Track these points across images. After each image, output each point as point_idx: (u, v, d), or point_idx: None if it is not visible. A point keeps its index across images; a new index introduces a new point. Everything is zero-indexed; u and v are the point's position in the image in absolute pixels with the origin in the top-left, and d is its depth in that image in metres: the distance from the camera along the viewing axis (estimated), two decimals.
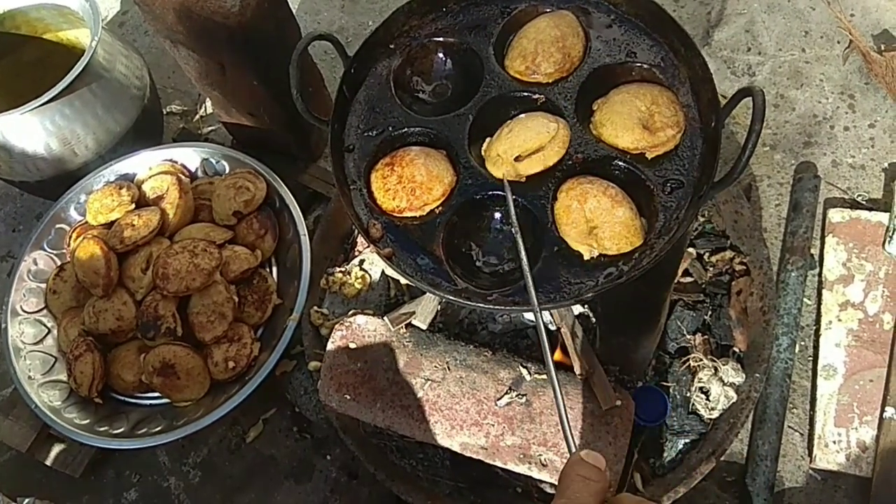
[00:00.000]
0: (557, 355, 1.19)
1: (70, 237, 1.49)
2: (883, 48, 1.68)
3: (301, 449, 1.46)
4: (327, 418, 1.35)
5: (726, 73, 1.74)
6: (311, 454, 1.45)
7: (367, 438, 1.29)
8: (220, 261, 1.35)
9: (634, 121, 0.98)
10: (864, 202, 1.54)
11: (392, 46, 1.12)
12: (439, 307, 1.24)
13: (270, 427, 1.49)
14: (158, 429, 1.31)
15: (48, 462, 1.45)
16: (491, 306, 0.93)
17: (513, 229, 0.89)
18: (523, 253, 0.86)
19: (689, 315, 1.30)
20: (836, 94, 1.67)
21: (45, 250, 1.50)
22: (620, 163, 0.99)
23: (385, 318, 1.23)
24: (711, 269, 1.37)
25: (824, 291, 1.42)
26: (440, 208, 0.99)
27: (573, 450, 0.65)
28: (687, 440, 1.25)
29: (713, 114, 0.96)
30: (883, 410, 1.30)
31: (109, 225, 1.44)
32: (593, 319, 1.25)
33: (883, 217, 1.45)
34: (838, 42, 1.73)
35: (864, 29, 1.73)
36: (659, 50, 1.04)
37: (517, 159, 0.98)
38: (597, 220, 0.94)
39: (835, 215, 1.47)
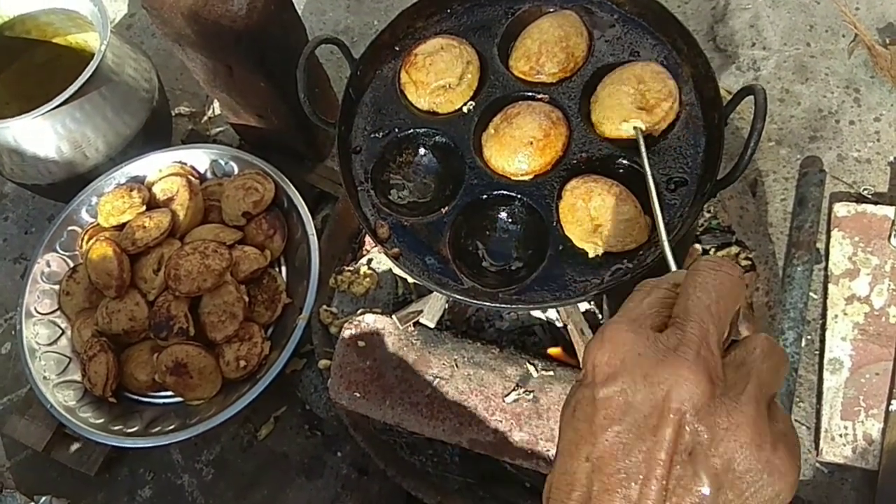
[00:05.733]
0: (558, 352, 1.21)
1: (82, 239, 1.51)
2: (888, 41, 1.68)
3: (312, 446, 1.48)
4: (337, 416, 1.37)
5: (731, 68, 1.74)
6: (322, 451, 1.47)
7: (376, 435, 1.30)
8: (231, 261, 1.37)
9: (628, 108, 0.98)
10: (869, 196, 1.54)
11: (397, 48, 1.13)
12: (447, 306, 1.26)
13: (281, 425, 1.51)
14: (172, 427, 1.33)
15: (64, 461, 1.47)
16: (498, 305, 0.94)
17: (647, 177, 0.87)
18: (657, 205, 0.82)
19: None
20: (841, 88, 1.67)
21: (57, 252, 1.52)
22: (625, 161, 1.00)
23: (393, 316, 1.24)
24: None
25: (830, 285, 1.43)
26: (447, 209, 1.00)
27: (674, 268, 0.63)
28: None
29: (716, 111, 0.97)
30: (889, 404, 1.31)
31: (121, 227, 1.46)
32: (600, 316, 1.26)
33: (889, 211, 1.45)
34: (843, 36, 1.73)
35: (870, 22, 1.73)
36: (662, 49, 1.05)
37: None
38: (601, 218, 0.95)
39: (840, 209, 1.48)
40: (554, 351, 1.23)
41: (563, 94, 1.05)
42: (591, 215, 0.95)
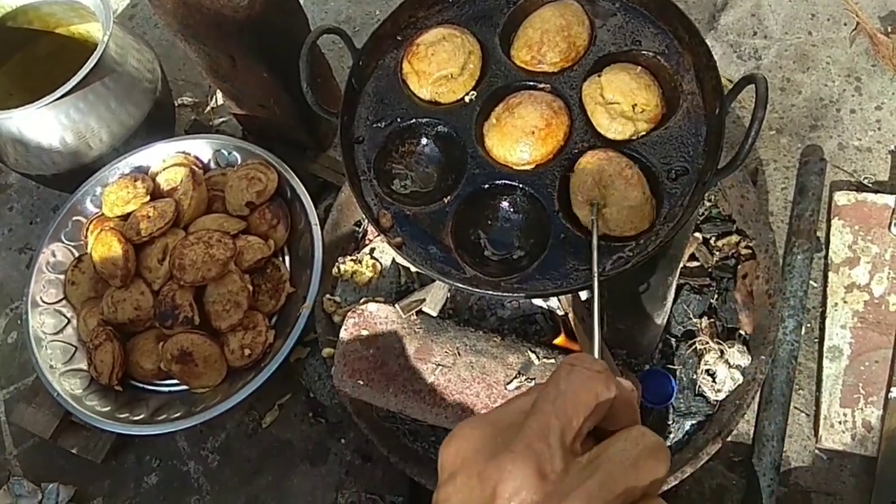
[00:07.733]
0: (563, 340, 1.21)
1: (87, 229, 1.52)
2: (890, 30, 1.68)
3: (316, 433, 1.49)
4: (341, 403, 1.38)
5: (732, 57, 1.75)
6: (326, 438, 1.48)
7: (379, 422, 1.32)
8: (235, 251, 1.38)
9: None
10: (870, 185, 1.55)
11: (399, 38, 1.13)
12: (449, 294, 1.27)
13: (286, 412, 1.52)
14: (177, 415, 1.34)
15: (70, 448, 1.49)
16: (499, 293, 0.95)
17: None
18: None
19: (695, 299, 1.32)
20: (842, 76, 1.67)
21: (62, 242, 1.53)
22: (626, 151, 1.00)
23: (396, 305, 1.25)
24: (717, 253, 1.38)
25: (830, 274, 1.43)
26: (449, 198, 1.01)
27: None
28: (693, 421, 1.27)
29: (717, 101, 0.97)
30: (888, 391, 1.32)
31: (125, 217, 1.47)
32: None
33: (889, 199, 1.46)
34: (845, 24, 1.73)
35: (871, 11, 1.73)
36: (664, 38, 1.05)
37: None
38: (608, 198, 0.94)
39: (841, 198, 1.48)
40: (559, 340, 1.24)
41: (565, 83, 1.05)
42: (598, 186, 0.94)
